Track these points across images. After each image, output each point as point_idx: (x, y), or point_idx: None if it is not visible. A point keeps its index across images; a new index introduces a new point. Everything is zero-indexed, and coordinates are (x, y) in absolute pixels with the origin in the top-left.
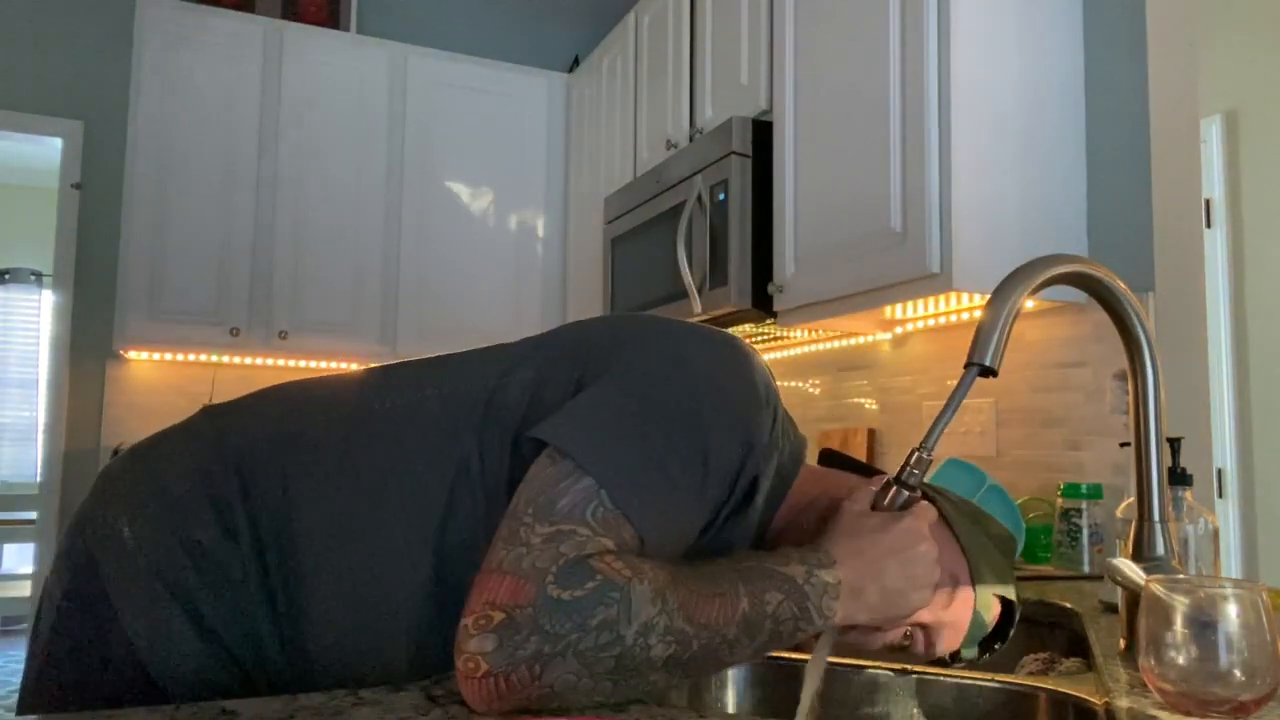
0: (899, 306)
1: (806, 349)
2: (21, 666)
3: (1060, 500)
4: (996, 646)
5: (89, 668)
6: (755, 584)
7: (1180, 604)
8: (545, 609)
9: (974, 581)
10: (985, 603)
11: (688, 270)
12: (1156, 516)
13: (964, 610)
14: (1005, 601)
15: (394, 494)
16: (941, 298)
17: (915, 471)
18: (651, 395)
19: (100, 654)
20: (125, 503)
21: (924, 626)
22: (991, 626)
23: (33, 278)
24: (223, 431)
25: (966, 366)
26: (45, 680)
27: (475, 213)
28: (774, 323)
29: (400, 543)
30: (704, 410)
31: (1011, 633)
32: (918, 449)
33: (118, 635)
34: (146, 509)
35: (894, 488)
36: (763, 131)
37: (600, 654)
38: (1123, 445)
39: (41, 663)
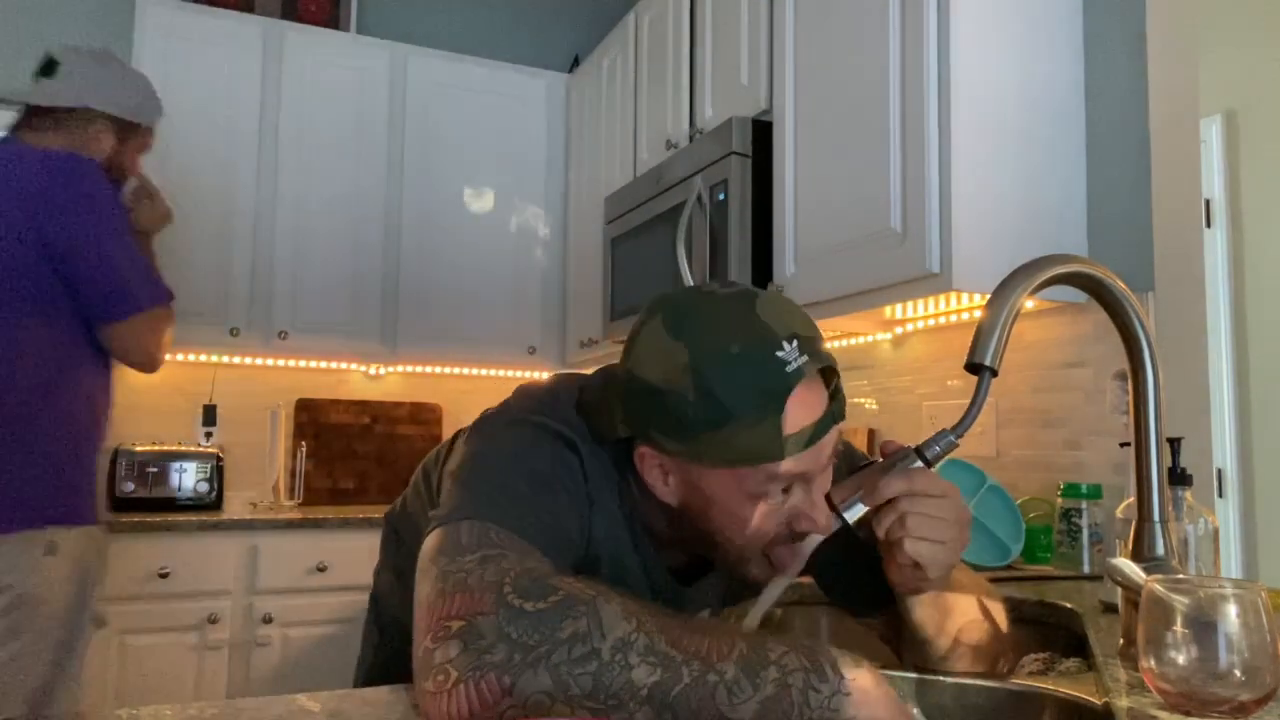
0: (899, 306)
1: None
2: None
3: (1060, 500)
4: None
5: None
6: (754, 637)
7: (1180, 604)
8: (508, 617)
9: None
10: None
11: (687, 270)
12: (1156, 516)
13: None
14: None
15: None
16: (941, 298)
17: (936, 448)
18: (468, 460)
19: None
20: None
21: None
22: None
23: None
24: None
25: (967, 367)
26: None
27: (475, 212)
28: None
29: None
30: (510, 448)
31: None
32: (950, 431)
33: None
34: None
35: (910, 454)
36: (763, 131)
37: (575, 669)
38: (1123, 445)
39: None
